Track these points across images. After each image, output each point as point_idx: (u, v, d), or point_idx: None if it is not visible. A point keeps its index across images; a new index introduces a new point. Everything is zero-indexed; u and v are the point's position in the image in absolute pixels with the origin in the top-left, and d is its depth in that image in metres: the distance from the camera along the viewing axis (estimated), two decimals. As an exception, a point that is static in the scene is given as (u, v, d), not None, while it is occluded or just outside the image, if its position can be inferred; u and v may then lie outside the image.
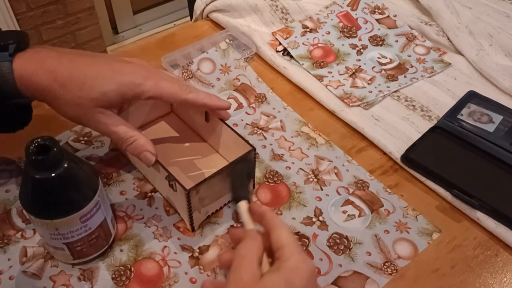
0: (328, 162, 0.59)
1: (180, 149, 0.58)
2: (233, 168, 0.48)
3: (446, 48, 0.76)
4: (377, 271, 0.49)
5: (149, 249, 0.49)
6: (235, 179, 0.46)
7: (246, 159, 0.50)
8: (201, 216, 0.51)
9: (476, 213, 0.53)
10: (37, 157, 0.39)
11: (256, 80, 0.69)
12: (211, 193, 0.49)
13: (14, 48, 0.45)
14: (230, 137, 0.53)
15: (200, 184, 0.46)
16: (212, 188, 0.49)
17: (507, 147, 0.58)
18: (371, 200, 0.55)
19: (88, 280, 0.47)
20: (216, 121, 0.54)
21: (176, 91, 0.48)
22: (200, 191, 0.47)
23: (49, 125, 0.62)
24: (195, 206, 0.48)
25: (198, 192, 0.47)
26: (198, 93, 0.50)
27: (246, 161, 0.50)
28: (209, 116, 0.55)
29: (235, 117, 0.64)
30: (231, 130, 0.52)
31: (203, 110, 0.55)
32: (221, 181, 0.49)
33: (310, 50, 0.74)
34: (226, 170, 0.48)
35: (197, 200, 0.48)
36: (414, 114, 0.65)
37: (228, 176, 0.48)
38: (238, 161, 0.49)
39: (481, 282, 0.48)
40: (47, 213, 0.42)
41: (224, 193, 0.52)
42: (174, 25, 2.39)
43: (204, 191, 0.48)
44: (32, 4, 1.74)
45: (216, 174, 0.47)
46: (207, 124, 0.56)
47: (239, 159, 0.49)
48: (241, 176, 0.47)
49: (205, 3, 0.81)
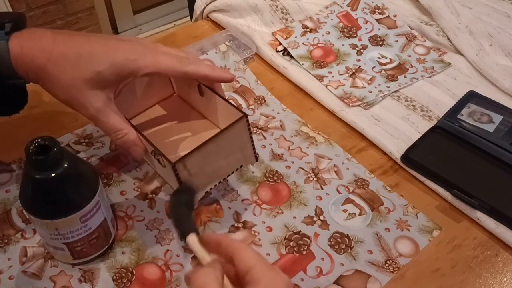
0: (328, 160, 0.59)
1: (179, 128, 0.55)
2: (173, 199, 0.43)
3: (446, 48, 0.76)
4: (378, 269, 0.49)
5: (152, 253, 0.49)
6: (175, 215, 0.42)
7: (237, 128, 0.47)
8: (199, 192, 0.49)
9: (476, 213, 0.53)
10: (37, 157, 0.39)
11: (255, 82, 0.69)
12: (203, 167, 0.47)
13: (11, 27, 0.44)
14: (224, 108, 0.50)
15: (186, 156, 0.44)
16: (203, 161, 0.46)
17: (507, 147, 0.58)
18: (371, 198, 0.55)
19: (89, 281, 0.47)
20: (210, 94, 0.51)
21: (175, 65, 0.46)
22: (188, 164, 0.45)
23: (49, 126, 0.62)
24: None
25: (186, 166, 0.45)
26: (198, 64, 0.47)
27: (238, 130, 0.47)
28: (202, 89, 0.52)
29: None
30: (223, 100, 0.50)
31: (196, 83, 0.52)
32: (213, 153, 0.46)
33: (310, 50, 0.74)
34: (215, 140, 0.45)
35: (187, 174, 0.45)
36: (414, 114, 0.65)
37: (171, 210, 0.43)
38: (229, 130, 0.46)
39: (481, 282, 0.48)
40: (47, 213, 0.42)
41: (221, 167, 0.49)
42: (174, 25, 2.39)
43: (194, 164, 0.45)
44: (32, 4, 1.74)
45: (203, 145, 0.45)
46: (204, 99, 0.53)
47: (229, 127, 0.46)
48: (181, 209, 0.43)
49: (205, 3, 0.81)
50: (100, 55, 0.45)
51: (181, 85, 0.58)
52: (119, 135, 0.47)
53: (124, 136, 0.47)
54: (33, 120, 0.63)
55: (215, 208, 0.54)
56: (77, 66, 0.44)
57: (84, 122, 0.62)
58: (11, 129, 0.61)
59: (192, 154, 0.44)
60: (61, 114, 0.63)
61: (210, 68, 0.48)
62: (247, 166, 0.56)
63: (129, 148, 0.47)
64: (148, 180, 0.56)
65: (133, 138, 0.47)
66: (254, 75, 0.70)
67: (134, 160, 0.58)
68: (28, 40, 0.45)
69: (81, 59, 0.44)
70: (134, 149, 0.47)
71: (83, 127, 0.62)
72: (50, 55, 0.44)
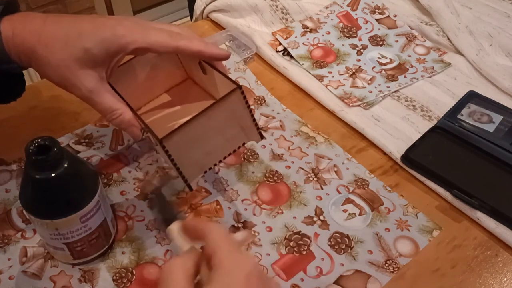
0: (328, 160, 0.59)
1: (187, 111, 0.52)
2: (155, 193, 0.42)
3: (446, 48, 0.76)
4: (378, 269, 0.49)
5: (152, 254, 0.49)
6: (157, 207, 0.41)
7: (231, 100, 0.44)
8: (195, 171, 0.46)
9: (476, 213, 0.53)
10: (37, 157, 0.39)
11: (255, 83, 0.69)
12: (197, 143, 0.45)
13: (1, 10, 0.44)
14: (222, 82, 0.48)
15: (175, 132, 0.42)
16: (196, 137, 0.44)
17: (507, 147, 0.58)
18: (371, 198, 0.55)
19: (89, 282, 0.47)
20: (211, 71, 0.49)
21: (165, 40, 0.45)
22: (177, 140, 0.42)
23: (49, 126, 0.62)
24: (180, 160, 0.44)
25: (176, 142, 0.42)
26: (191, 40, 0.45)
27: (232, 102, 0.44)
28: (204, 66, 0.50)
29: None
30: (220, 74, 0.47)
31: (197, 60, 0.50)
32: (206, 128, 0.44)
33: (310, 50, 0.74)
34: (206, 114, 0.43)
35: (179, 151, 0.43)
36: (414, 114, 0.65)
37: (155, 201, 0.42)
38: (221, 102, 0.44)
39: (481, 282, 0.48)
40: (47, 213, 0.42)
41: (219, 144, 0.47)
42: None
43: (185, 140, 0.43)
44: (32, 4, 1.74)
45: (194, 120, 0.42)
46: (207, 77, 0.51)
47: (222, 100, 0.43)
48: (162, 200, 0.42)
49: (205, 3, 0.81)
50: (88, 33, 0.44)
51: (190, 67, 0.56)
52: (114, 115, 0.46)
53: (120, 116, 0.46)
54: (33, 120, 0.63)
55: (215, 208, 0.54)
56: (66, 46, 0.44)
57: (84, 122, 0.62)
58: (11, 129, 0.61)
59: (181, 129, 0.42)
60: (61, 114, 0.63)
61: (204, 44, 0.46)
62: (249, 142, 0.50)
63: (126, 128, 0.47)
64: (148, 180, 0.56)
65: (128, 118, 0.46)
66: (254, 75, 0.70)
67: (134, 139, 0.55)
68: (18, 23, 0.44)
69: (70, 38, 0.44)
70: (131, 130, 0.47)
71: (83, 127, 0.62)
72: (39, 36, 0.44)
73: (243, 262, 0.34)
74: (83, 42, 0.44)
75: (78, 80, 0.44)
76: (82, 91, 0.45)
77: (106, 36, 0.44)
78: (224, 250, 0.34)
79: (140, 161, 0.58)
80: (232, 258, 0.33)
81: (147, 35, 0.44)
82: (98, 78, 0.45)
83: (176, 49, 0.45)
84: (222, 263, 0.33)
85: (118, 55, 0.46)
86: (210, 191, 0.55)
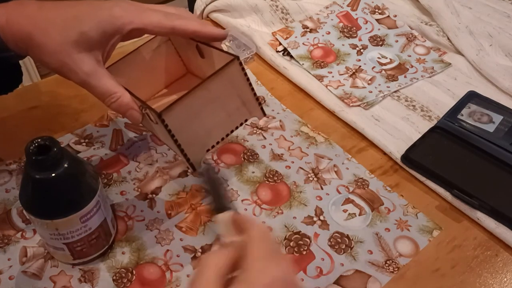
0: (328, 160, 0.59)
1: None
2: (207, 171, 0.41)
3: (446, 48, 0.76)
4: (378, 269, 0.49)
5: (152, 253, 0.49)
6: (216, 190, 0.41)
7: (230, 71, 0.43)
8: (198, 150, 0.46)
9: (476, 213, 0.53)
10: (37, 157, 0.39)
11: (255, 83, 0.69)
12: (198, 118, 0.44)
13: None
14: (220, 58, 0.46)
15: (174, 105, 0.41)
16: (197, 111, 0.43)
17: (507, 147, 0.58)
18: (371, 198, 0.55)
19: (89, 282, 0.47)
20: (208, 51, 0.48)
21: (160, 19, 0.44)
22: (177, 113, 0.42)
23: (49, 126, 0.62)
24: (181, 136, 0.43)
25: (175, 116, 0.42)
26: (187, 20, 0.45)
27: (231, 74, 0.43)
28: (201, 49, 0.49)
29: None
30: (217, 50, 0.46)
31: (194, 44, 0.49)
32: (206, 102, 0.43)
33: (310, 50, 0.74)
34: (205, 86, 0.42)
35: (179, 127, 0.42)
36: (414, 114, 0.65)
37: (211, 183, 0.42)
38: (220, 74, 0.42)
39: (481, 282, 0.48)
40: (47, 213, 0.42)
41: (221, 120, 0.45)
42: (174, 25, 2.38)
43: (185, 114, 0.42)
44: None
45: (192, 92, 0.42)
46: (206, 60, 0.50)
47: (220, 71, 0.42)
48: (213, 186, 0.41)
49: (205, 3, 0.81)
50: (84, 16, 0.44)
51: (188, 56, 0.55)
52: (113, 98, 0.45)
53: (118, 99, 0.45)
54: (33, 120, 0.63)
55: (215, 208, 0.54)
56: (63, 30, 0.43)
57: (84, 122, 0.62)
58: (11, 129, 0.61)
59: (180, 102, 0.41)
60: (61, 114, 0.63)
61: (200, 23, 0.46)
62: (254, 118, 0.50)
63: (125, 112, 0.46)
64: (148, 180, 0.56)
65: (127, 101, 0.45)
66: (254, 75, 0.70)
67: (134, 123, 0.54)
68: (13, 9, 0.44)
69: (67, 22, 0.43)
70: (131, 113, 0.46)
71: (83, 127, 0.62)
72: (35, 21, 0.43)
73: (268, 271, 0.33)
74: (80, 24, 0.43)
75: (75, 64, 0.44)
76: (79, 75, 0.44)
77: (103, 18, 0.44)
78: (254, 255, 0.33)
79: (140, 161, 0.58)
80: (259, 265, 0.33)
81: (143, 16, 0.44)
82: (95, 61, 0.45)
83: (172, 29, 0.45)
84: (248, 269, 0.33)
85: (114, 36, 0.45)
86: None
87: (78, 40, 0.43)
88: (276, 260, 0.34)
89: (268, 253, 0.34)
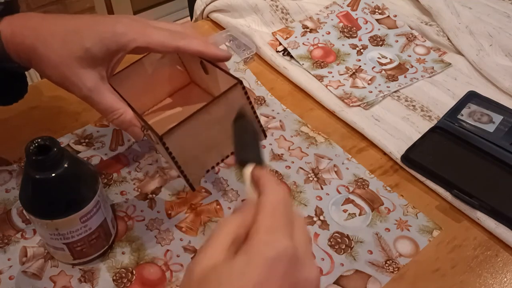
0: (328, 160, 0.59)
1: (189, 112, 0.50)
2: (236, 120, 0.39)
3: (446, 48, 0.76)
4: (378, 269, 0.49)
5: (152, 253, 0.49)
6: (236, 138, 0.38)
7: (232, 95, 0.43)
8: (198, 170, 0.46)
9: (476, 213, 0.53)
10: (37, 157, 0.39)
11: (255, 83, 0.69)
12: (199, 140, 0.44)
13: (2, 10, 0.44)
14: (223, 79, 0.46)
15: (175, 128, 0.41)
16: (198, 134, 0.43)
17: (507, 147, 0.58)
18: (371, 198, 0.55)
19: (89, 282, 0.47)
20: (212, 69, 0.48)
21: (165, 39, 0.44)
22: (178, 136, 0.42)
23: (49, 126, 0.62)
24: (181, 158, 0.43)
25: (176, 138, 0.42)
26: (191, 40, 0.45)
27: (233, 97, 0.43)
28: (205, 65, 0.49)
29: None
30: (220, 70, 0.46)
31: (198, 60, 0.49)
32: (208, 124, 0.43)
33: (310, 50, 0.74)
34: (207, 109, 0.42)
35: (179, 148, 0.42)
36: (414, 114, 0.65)
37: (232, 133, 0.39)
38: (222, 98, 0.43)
39: (481, 282, 0.48)
40: (47, 213, 0.42)
41: (223, 142, 0.45)
42: (174, 25, 2.39)
43: (186, 136, 0.42)
44: (32, 4, 1.74)
45: (194, 115, 0.42)
46: (210, 77, 0.50)
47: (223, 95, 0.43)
48: (241, 133, 0.38)
49: (205, 3, 0.81)
50: (87, 29, 0.44)
51: (192, 68, 0.55)
52: (115, 115, 0.45)
53: (121, 116, 0.45)
54: (33, 120, 0.63)
55: (215, 208, 0.54)
56: (64, 43, 0.43)
57: (84, 122, 0.62)
58: (11, 129, 0.61)
59: (181, 125, 0.41)
60: (61, 114, 0.63)
61: (204, 44, 0.45)
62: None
63: (127, 129, 0.46)
64: (148, 180, 0.56)
65: (129, 118, 0.46)
66: (254, 75, 0.70)
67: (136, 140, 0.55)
68: (17, 22, 0.44)
69: (68, 34, 0.43)
70: (132, 130, 0.46)
71: (83, 127, 0.62)
72: (38, 33, 0.43)
73: (275, 244, 0.29)
74: (82, 39, 0.43)
75: (78, 79, 0.44)
76: (82, 90, 0.45)
77: (106, 35, 0.43)
78: (262, 224, 0.30)
79: (140, 161, 0.58)
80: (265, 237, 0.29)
81: (148, 34, 0.44)
82: (99, 77, 0.45)
83: (176, 49, 0.45)
84: (252, 239, 0.29)
85: (118, 54, 0.45)
86: (210, 191, 0.55)
87: (82, 56, 0.43)
88: (287, 233, 0.30)
89: (281, 224, 0.30)
